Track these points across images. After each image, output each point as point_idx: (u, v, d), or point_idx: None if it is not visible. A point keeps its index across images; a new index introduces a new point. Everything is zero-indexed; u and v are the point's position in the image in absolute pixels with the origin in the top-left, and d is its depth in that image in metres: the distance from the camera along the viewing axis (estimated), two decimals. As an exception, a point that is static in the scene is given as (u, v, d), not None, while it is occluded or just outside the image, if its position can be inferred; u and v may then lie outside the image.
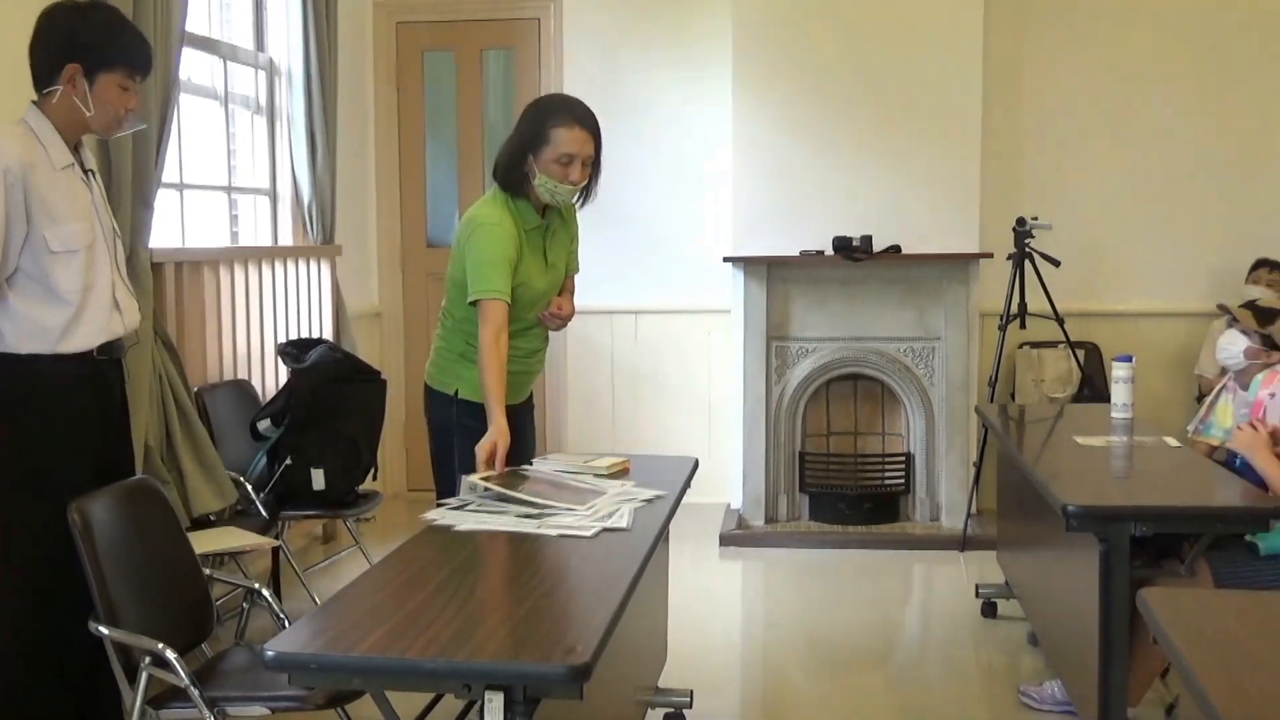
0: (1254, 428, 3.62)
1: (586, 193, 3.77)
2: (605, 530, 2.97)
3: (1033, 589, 4.50)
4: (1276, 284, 6.15)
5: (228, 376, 5.23)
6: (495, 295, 3.58)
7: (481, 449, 3.44)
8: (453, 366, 3.83)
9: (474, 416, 3.65)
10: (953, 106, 6.17)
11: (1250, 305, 4.15)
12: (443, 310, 3.90)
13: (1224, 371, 6.03)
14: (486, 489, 3.23)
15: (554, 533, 2.94)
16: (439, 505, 3.24)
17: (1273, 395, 3.87)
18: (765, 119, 6.27)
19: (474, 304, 3.62)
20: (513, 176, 3.67)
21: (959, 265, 6.22)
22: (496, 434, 3.45)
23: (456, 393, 3.77)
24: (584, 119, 3.63)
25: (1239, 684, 2.04)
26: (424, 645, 2.17)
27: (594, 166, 3.71)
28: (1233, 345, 4.10)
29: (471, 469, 3.46)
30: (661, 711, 3.91)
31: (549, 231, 3.81)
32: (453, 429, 3.76)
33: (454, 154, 7.19)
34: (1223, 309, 5.70)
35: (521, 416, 3.93)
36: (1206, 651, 2.20)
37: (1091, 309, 6.61)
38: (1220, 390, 4.06)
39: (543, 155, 3.60)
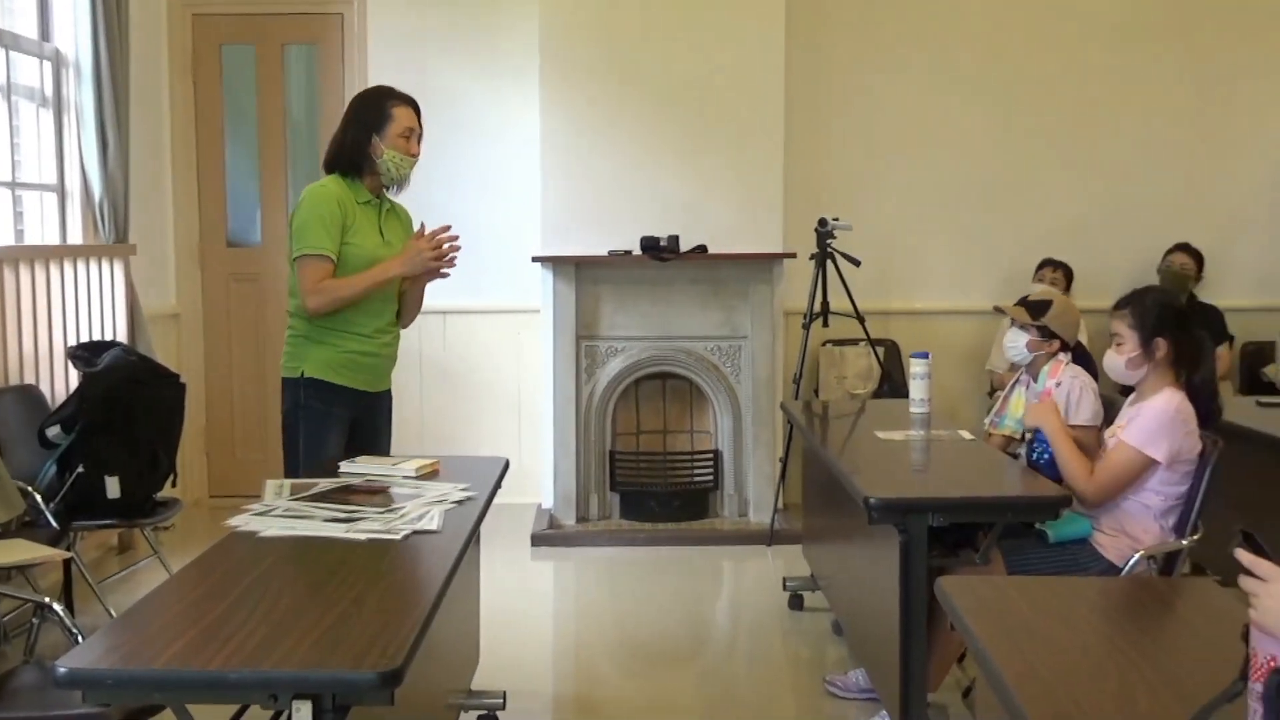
0: (1036, 406, 3.79)
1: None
2: (415, 533, 2.94)
3: (837, 580, 4.61)
4: (1059, 282, 6.45)
5: (14, 381, 4.98)
6: (311, 251, 3.73)
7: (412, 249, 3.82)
8: (299, 349, 3.91)
9: (320, 398, 3.80)
10: (757, 109, 6.28)
11: (1022, 301, 4.36)
12: (289, 295, 3.99)
13: (1014, 367, 6.31)
14: (293, 495, 3.16)
15: (363, 537, 2.89)
16: (242, 512, 3.16)
17: (1058, 384, 4.05)
18: (573, 119, 6.28)
19: (295, 266, 3.74)
20: (354, 159, 3.91)
21: (764, 265, 6.33)
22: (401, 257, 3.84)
23: (303, 374, 3.86)
24: (412, 100, 4.05)
25: (1031, 665, 2.12)
26: (227, 656, 2.11)
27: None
28: (1016, 341, 4.28)
29: (318, 453, 3.53)
30: (474, 714, 3.88)
31: (383, 210, 4.00)
32: (299, 411, 3.81)
33: (254, 151, 7.00)
34: (998, 310, 5.95)
35: (379, 405, 4.03)
36: (1000, 635, 2.28)
37: (891, 307, 6.82)
38: (1014, 385, 4.23)
39: (388, 132, 3.90)
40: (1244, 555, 1.64)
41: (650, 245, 6.17)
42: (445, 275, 3.98)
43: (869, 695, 4.07)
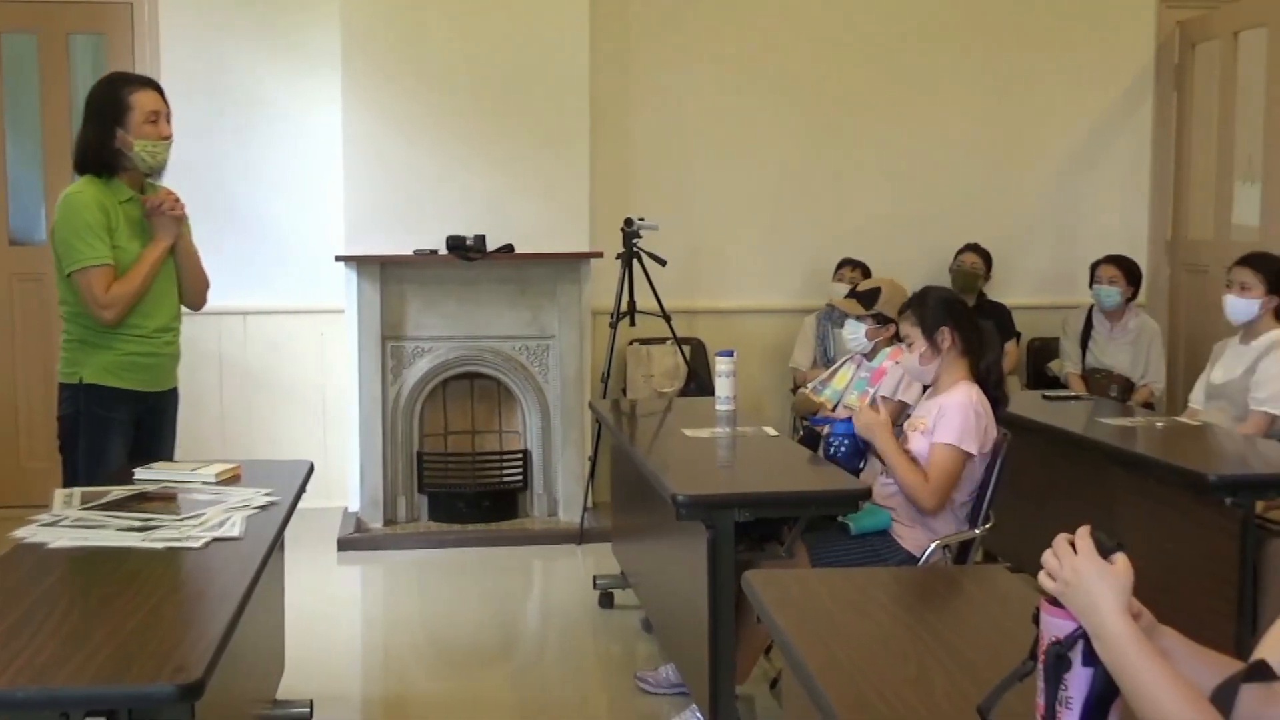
0: (874, 410, 3.88)
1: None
2: (216, 540, 2.85)
3: (646, 577, 4.65)
4: (856, 280, 6.62)
5: None
6: (89, 263, 3.59)
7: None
8: (76, 354, 3.77)
9: (100, 404, 3.67)
10: (562, 107, 6.28)
11: (852, 293, 4.52)
12: (59, 303, 3.83)
13: (815, 364, 6.47)
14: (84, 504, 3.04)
15: (160, 545, 2.79)
16: (29, 523, 3.01)
17: (896, 363, 4.19)
18: (376, 116, 6.17)
19: (72, 281, 3.59)
20: (104, 157, 3.74)
21: (571, 265, 6.34)
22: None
23: (81, 379, 3.70)
24: (150, 80, 3.93)
25: (833, 654, 2.18)
26: (14, 673, 2.01)
27: None
28: (856, 333, 4.44)
29: (99, 460, 3.41)
30: (279, 724, 3.79)
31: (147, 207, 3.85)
32: (79, 418, 3.66)
33: (38, 145, 6.69)
34: (830, 308, 6.13)
35: (163, 406, 3.91)
36: (804, 627, 2.34)
37: (696, 306, 6.91)
38: (848, 359, 4.36)
39: (132, 122, 3.74)
40: (1061, 541, 1.72)
41: (456, 244, 6.12)
42: (180, 216, 3.92)
43: (679, 690, 4.11)
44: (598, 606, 5.19)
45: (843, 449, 3.95)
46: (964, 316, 3.85)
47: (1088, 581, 1.63)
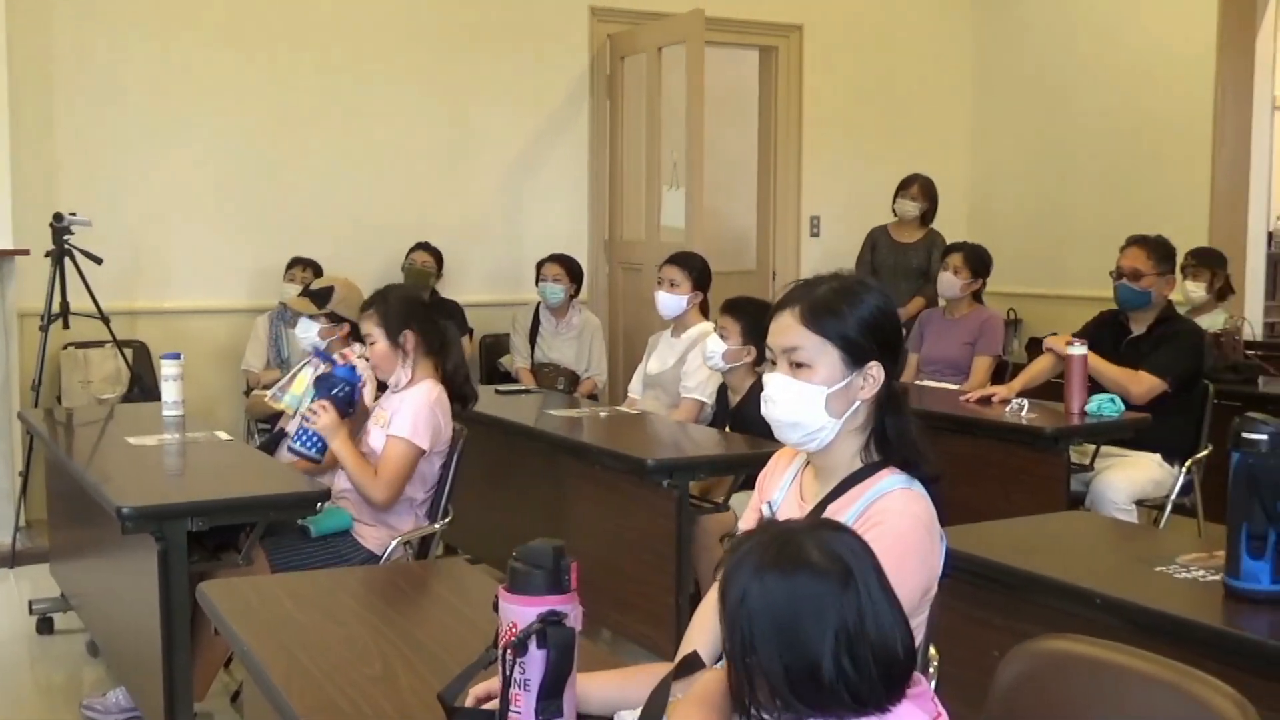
0: (323, 409, 3.83)
1: None
2: None
3: (91, 597, 4.37)
4: (308, 280, 6.50)
5: None
6: None
7: None
8: None
9: None
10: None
11: (305, 291, 4.47)
12: None
13: (269, 365, 6.33)
14: None
15: None
16: None
17: (352, 368, 4.15)
18: None
19: None
20: None
21: (-7, 263, 5.82)
22: None
23: None
24: None
25: (297, 660, 2.15)
26: None
27: None
28: (308, 333, 4.36)
29: None
30: None
31: None
32: None
33: None
34: (283, 307, 6.03)
35: None
36: (264, 635, 2.29)
37: (138, 307, 6.54)
38: (306, 363, 4.27)
39: None
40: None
41: None
42: None
43: (131, 714, 3.89)
44: (35, 633, 4.79)
45: (343, 394, 3.90)
46: (425, 316, 3.92)
47: None
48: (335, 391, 3.90)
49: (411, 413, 3.74)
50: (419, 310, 3.93)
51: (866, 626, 1.52)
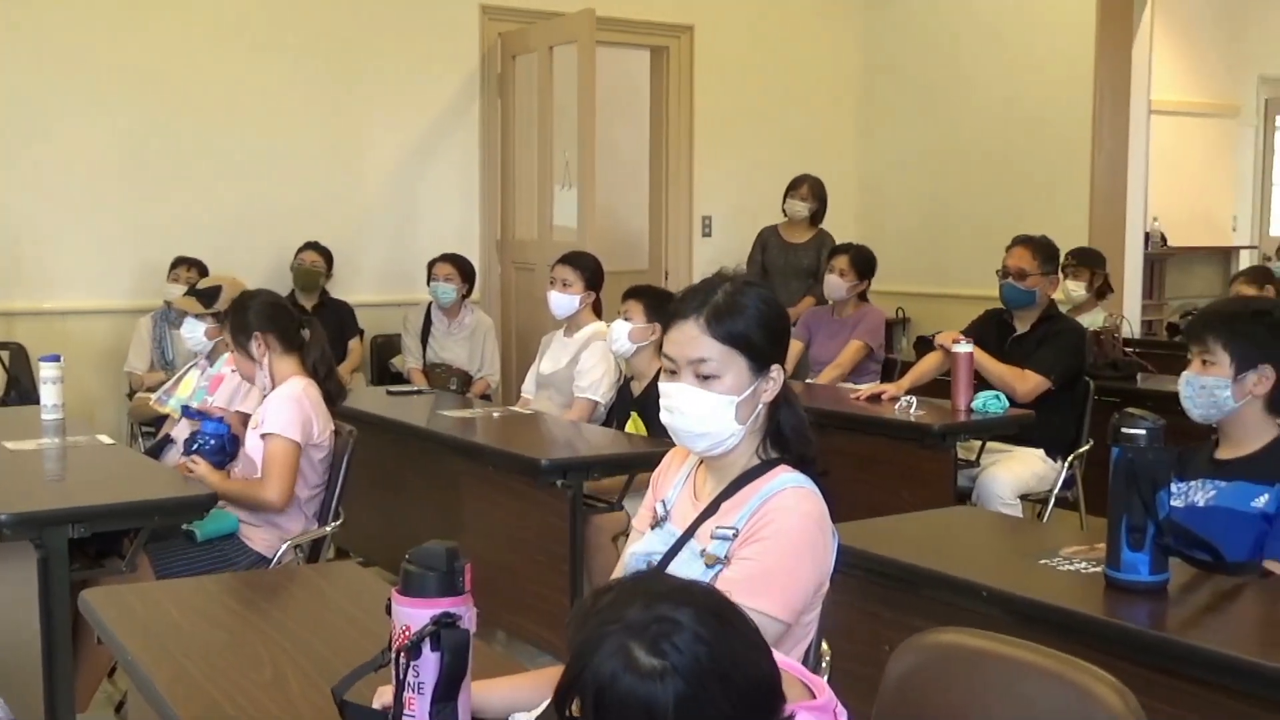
0: (194, 464, 3.78)
1: None
2: None
3: (-34, 608, 4.23)
4: (193, 280, 6.36)
5: None
6: None
7: None
8: None
9: None
10: None
11: (191, 291, 4.40)
12: None
13: (153, 366, 6.19)
14: None
15: None
16: None
17: (233, 370, 4.10)
18: None
19: None
20: None
21: None
22: None
23: None
24: None
25: (182, 668, 2.11)
26: None
27: None
28: (194, 333, 4.29)
29: None
30: None
31: None
32: None
33: None
34: (168, 306, 5.91)
35: None
36: (149, 642, 2.24)
37: (15, 308, 6.35)
38: (192, 366, 4.19)
39: None
40: None
41: None
42: None
43: (9, 727, 3.78)
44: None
45: (210, 443, 3.83)
46: (276, 316, 3.88)
47: None
48: (197, 446, 3.85)
49: (276, 409, 3.72)
50: (267, 311, 3.89)
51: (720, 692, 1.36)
